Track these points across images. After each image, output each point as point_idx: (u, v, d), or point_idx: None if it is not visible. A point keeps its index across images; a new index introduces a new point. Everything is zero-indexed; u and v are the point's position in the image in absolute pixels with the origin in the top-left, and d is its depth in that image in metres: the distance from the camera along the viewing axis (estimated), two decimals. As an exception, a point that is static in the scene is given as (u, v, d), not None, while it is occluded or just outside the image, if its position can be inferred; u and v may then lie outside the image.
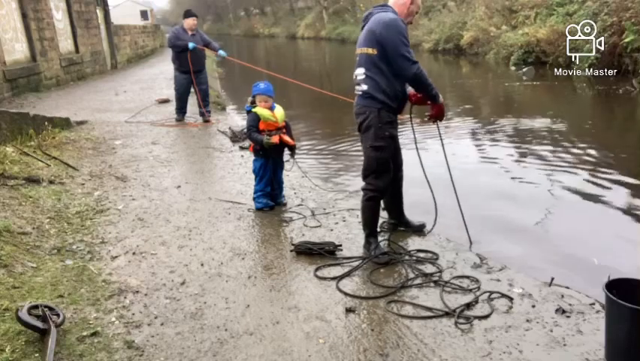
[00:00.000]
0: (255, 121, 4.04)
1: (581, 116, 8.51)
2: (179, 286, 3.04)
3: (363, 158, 3.41)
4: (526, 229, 4.10)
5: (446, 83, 13.80)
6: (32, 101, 9.88)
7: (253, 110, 4.06)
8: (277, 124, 4.09)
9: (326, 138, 7.81)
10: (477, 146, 6.89)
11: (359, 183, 4.68)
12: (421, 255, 3.38)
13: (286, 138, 4.14)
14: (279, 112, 4.11)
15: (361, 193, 3.44)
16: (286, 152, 4.28)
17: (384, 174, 3.32)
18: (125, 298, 2.88)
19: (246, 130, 4.25)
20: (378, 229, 3.55)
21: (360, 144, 3.47)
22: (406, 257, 3.35)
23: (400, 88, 3.26)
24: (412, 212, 3.86)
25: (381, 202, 3.57)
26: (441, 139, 3.78)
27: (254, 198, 4.26)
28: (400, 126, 3.47)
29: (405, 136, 4.49)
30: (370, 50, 3.16)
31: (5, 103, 9.29)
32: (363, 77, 3.23)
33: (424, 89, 3.27)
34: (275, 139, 4.04)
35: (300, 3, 49.40)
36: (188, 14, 7.73)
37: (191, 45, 7.41)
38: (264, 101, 4.06)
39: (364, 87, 3.24)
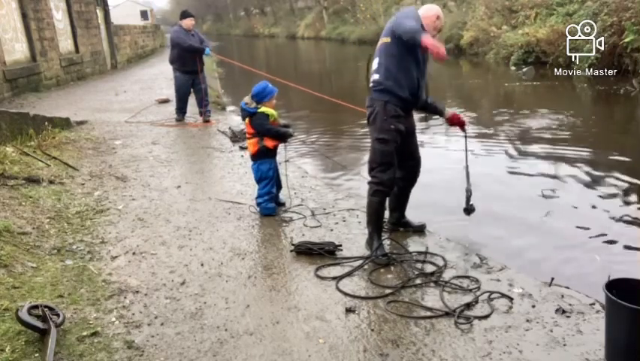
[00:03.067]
0: (267, 120, 4.02)
1: (581, 116, 8.50)
2: (179, 286, 3.04)
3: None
4: (526, 228, 4.10)
5: (446, 83, 13.81)
6: (32, 101, 9.88)
7: (260, 110, 4.00)
8: (278, 122, 4.17)
9: (325, 137, 7.81)
10: (476, 146, 6.88)
11: (359, 182, 4.69)
12: (422, 257, 3.38)
13: None
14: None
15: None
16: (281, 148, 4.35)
17: (388, 167, 3.32)
18: (125, 298, 2.88)
19: (266, 131, 4.03)
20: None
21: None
22: (411, 257, 3.35)
23: (413, 80, 3.27)
24: (414, 213, 3.87)
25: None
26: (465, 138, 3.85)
27: (258, 204, 4.15)
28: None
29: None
30: (386, 39, 3.24)
31: (5, 103, 9.29)
32: (377, 66, 3.29)
33: (414, 38, 2.97)
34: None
35: (300, 3, 49.40)
36: (185, 15, 7.73)
37: (207, 52, 7.46)
38: (275, 100, 4.12)
39: (376, 77, 3.28)
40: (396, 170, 3.38)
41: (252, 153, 4.15)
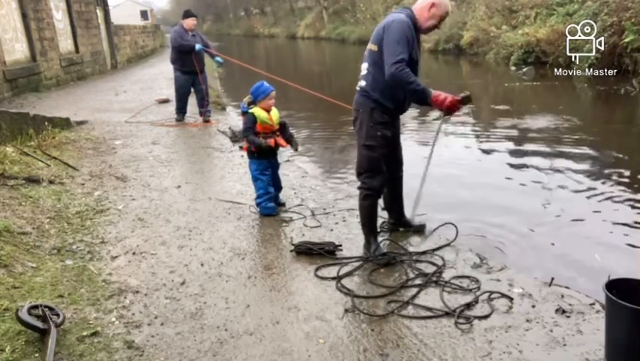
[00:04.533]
0: (252, 122, 3.99)
1: (581, 116, 8.50)
2: (179, 286, 3.04)
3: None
4: (525, 228, 4.09)
5: (446, 83, 13.80)
6: (32, 101, 9.88)
7: (250, 111, 4.00)
8: (273, 127, 4.07)
9: (325, 136, 7.81)
10: (476, 145, 6.89)
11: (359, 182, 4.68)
12: (423, 258, 3.38)
13: (281, 141, 4.13)
14: (275, 114, 4.10)
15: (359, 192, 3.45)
16: (286, 149, 4.29)
17: (376, 173, 3.32)
18: (125, 298, 2.88)
19: (242, 131, 4.12)
20: (378, 230, 3.54)
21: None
22: (410, 257, 3.35)
23: (399, 92, 3.21)
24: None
25: (381, 202, 3.56)
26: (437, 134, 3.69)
27: (258, 204, 4.15)
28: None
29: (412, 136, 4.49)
30: (373, 47, 3.19)
31: (5, 103, 9.29)
32: (365, 72, 3.26)
33: (408, 90, 3.08)
34: (271, 142, 4.03)
35: (300, 3, 49.41)
36: (187, 14, 7.73)
37: (197, 47, 7.42)
38: (274, 98, 4.05)
39: (363, 83, 3.26)
40: (385, 175, 3.37)
41: (243, 148, 4.19)
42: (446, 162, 5.92)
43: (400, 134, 3.58)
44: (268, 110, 4.04)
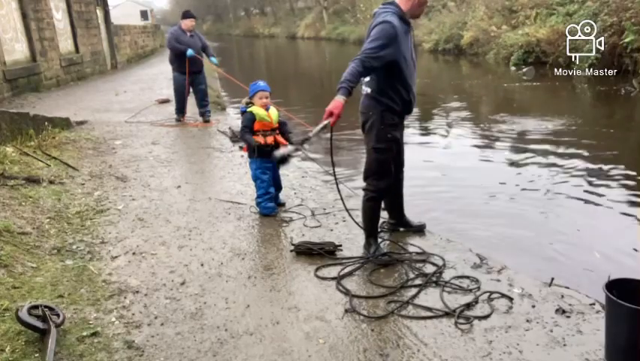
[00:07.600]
0: (250, 121, 4.01)
1: (581, 116, 8.51)
2: (179, 286, 3.04)
3: (364, 158, 3.40)
4: (526, 228, 4.10)
5: (446, 84, 13.82)
6: (32, 101, 9.88)
7: (249, 110, 4.02)
8: (272, 125, 4.07)
9: (325, 136, 7.80)
10: (476, 145, 6.90)
11: (359, 183, 4.71)
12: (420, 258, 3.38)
13: (280, 138, 4.11)
14: (274, 113, 4.10)
15: (361, 194, 3.45)
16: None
17: (385, 176, 3.31)
18: (125, 298, 2.88)
19: (239, 130, 4.13)
20: (378, 229, 3.55)
21: (359, 142, 3.46)
22: (410, 257, 3.35)
23: (404, 90, 3.21)
24: (412, 212, 3.87)
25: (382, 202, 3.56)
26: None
27: (258, 203, 4.16)
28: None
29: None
30: None
31: (5, 103, 9.30)
32: (367, 78, 3.23)
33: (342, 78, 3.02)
34: (270, 139, 4.04)
35: (300, 3, 49.45)
36: (186, 15, 7.73)
37: (189, 53, 7.38)
38: (264, 97, 4.04)
39: (368, 90, 3.23)
40: (392, 177, 3.36)
41: (243, 149, 4.20)
42: (446, 163, 5.93)
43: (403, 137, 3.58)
44: (265, 110, 4.06)
